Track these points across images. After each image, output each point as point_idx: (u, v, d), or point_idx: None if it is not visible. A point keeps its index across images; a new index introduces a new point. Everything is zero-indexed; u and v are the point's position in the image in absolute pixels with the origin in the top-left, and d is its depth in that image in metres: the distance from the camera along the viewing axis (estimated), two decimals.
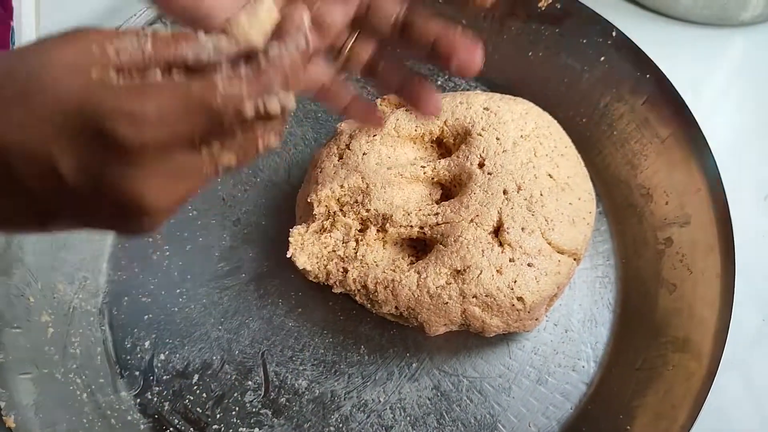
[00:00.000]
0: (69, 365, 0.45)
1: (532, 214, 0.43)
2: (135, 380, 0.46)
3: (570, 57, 0.53)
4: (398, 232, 0.44)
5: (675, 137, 0.48)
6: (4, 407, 0.41)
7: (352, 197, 0.45)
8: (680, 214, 0.47)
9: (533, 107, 0.49)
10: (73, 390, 0.45)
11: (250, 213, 0.52)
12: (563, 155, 0.47)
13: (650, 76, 0.50)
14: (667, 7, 0.59)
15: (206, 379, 0.46)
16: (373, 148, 0.47)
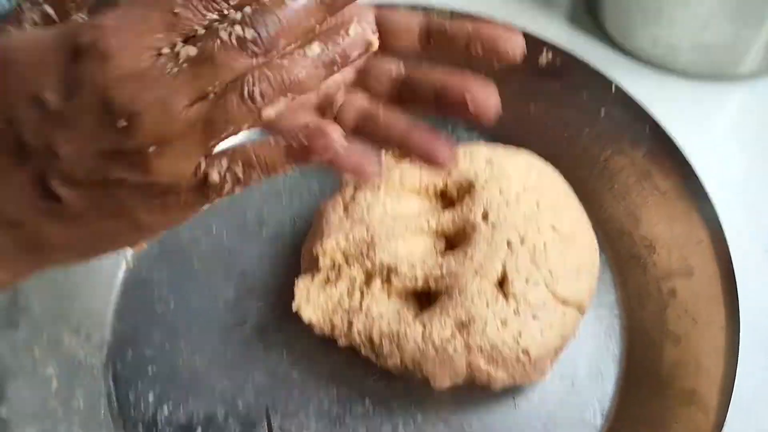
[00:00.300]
0: (72, 419, 0.45)
1: (536, 265, 0.43)
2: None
3: (571, 111, 0.54)
4: (403, 283, 0.44)
5: (676, 189, 0.48)
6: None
7: (357, 249, 0.46)
8: (683, 265, 0.47)
9: (535, 160, 0.50)
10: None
11: (255, 265, 0.52)
12: (566, 207, 0.48)
13: (649, 129, 0.50)
14: (666, 61, 0.61)
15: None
16: (378, 201, 0.47)
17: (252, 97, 0.24)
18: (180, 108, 0.24)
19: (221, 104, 0.24)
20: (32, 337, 0.46)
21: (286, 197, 0.55)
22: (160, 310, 0.50)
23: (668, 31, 0.59)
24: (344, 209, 0.48)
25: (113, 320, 0.50)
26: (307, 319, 0.45)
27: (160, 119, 0.24)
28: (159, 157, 0.24)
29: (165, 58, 0.23)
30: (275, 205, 0.55)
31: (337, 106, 0.35)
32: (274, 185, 0.56)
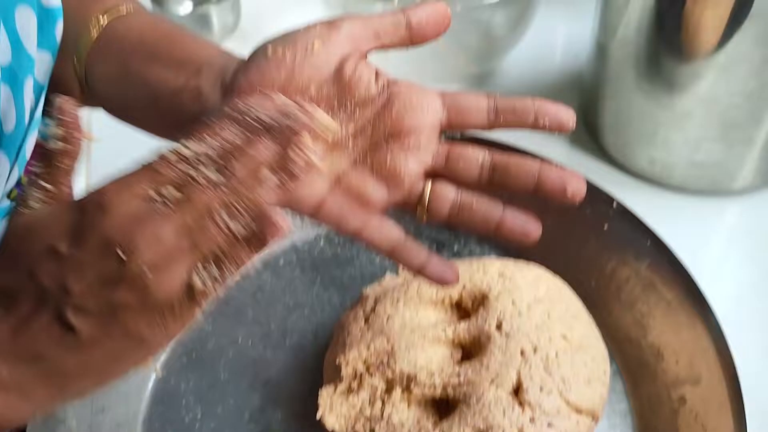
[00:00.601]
0: None
1: (549, 374, 0.46)
2: None
3: (576, 226, 0.57)
4: (423, 392, 0.46)
5: (679, 300, 0.51)
6: None
7: (378, 358, 0.48)
8: (691, 373, 0.49)
9: (544, 272, 0.53)
10: None
11: (279, 374, 0.54)
12: (575, 317, 0.50)
13: (650, 243, 0.54)
14: (663, 179, 0.65)
15: None
16: (397, 312, 0.50)
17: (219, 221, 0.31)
18: (168, 237, 0.30)
19: (199, 229, 0.30)
20: None
21: (308, 309, 0.58)
22: (187, 419, 0.52)
23: (664, 151, 0.63)
24: (365, 321, 0.51)
25: (143, 430, 0.52)
26: (331, 427, 0.46)
27: (152, 248, 0.30)
28: (153, 278, 0.30)
29: (153, 201, 0.30)
30: (298, 317, 0.58)
31: (426, 199, 0.39)
32: (297, 298, 0.59)
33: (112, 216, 0.30)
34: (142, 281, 0.30)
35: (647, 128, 0.63)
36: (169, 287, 0.30)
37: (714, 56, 0.56)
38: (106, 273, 0.30)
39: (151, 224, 0.30)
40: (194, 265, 0.30)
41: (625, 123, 0.65)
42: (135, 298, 0.30)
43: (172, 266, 0.30)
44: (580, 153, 0.70)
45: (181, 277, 0.30)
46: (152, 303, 0.30)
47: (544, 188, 0.38)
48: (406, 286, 0.51)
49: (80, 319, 0.30)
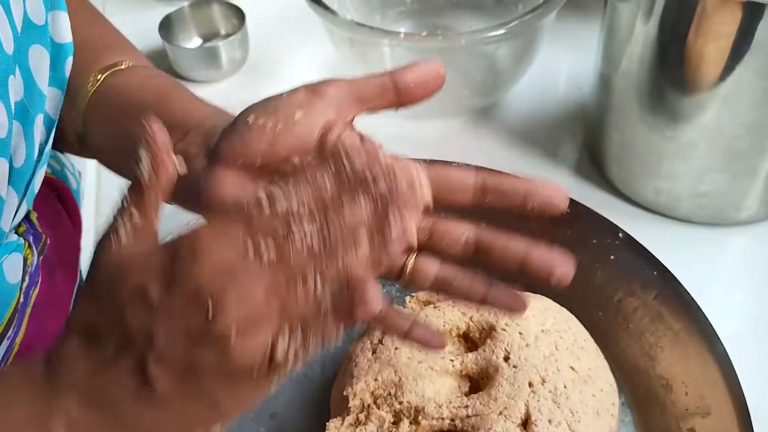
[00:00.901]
0: None
1: (557, 406, 0.45)
2: None
3: (582, 256, 0.56)
4: (431, 424, 0.46)
5: (687, 330, 0.51)
6: None
7: (385, 390, 0.48)
8: (700, 404, 0.48)
9: (551, 303, 0.53)
10: None
11: (286, 406, 0.54)
12: (583, 348, 0.50)
13: (657, 273, 0.54)
14: (668, 209, 0.65)
15: None
16: (404, 343, 0.50)
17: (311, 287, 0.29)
18: (258, 299, 0.28)
19: (290, 293, 0.29)
20: None
21: None
22: None
23: (668, 183, 0.64)
24: (372, 352, 0.51)
25: None
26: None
27: (240, 307, 0.28)
28: (238, 340, 0.28)
29: (248, 256, 0.28)
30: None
31: (409, 272, 0.38)
32: None
33: (205, 264, 0.28)
34: (226, 342, 0.28)
35: (651, 159, 0.64)
36: (252, 352, 0.29)
37: (716, 88, 0.57)
38: (193, 326, 0.28)
39: (244, 280, 0.28)
40: (279, 332, 0.29)
41: (630, 154, 0.66)
42: (216, 358, 0.29)
43: (257, 330, 0.28)
44: (585, 184, 0.70)
45: (265, 342, 0.29)
46: (231, 366, 0.29)
47: (529, 271, 0.36)
48: (413, 318, 0.51)
49: (160, 371, 0.29)
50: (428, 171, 0.37)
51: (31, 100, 0.43)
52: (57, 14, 0.45)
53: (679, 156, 0.62)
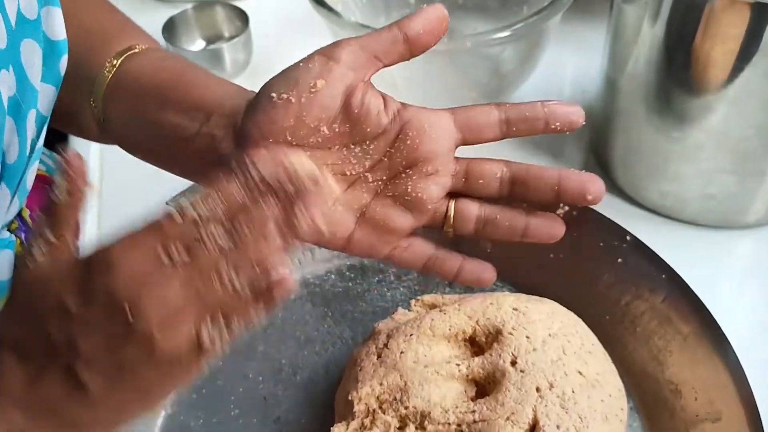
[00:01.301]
0: None
1: (565, 411, 0.45)
2: None
3: (589, 259, 0.57)
4: (437, 429, 0.45)
5: (696, 334, 0.50)
6: None
7: (391, 395, 0.47)
8: (710, 410, 0.48)
9: (558, 307, 0.52)
10: None
11: (290, 411, 0.53)
12: (591, 352, 0.49)
13: (666, 276, 0.53)
14: (675, 212, 0.65)
15: None
16: (410, 347, 0.50)
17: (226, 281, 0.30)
18: (175, 297, 0.30)
19: (206, 288, 0.30)
20: None
21: (319, 344, 0.58)
22: None
23: (675, 185, 0.63)
24: (377, 356, 0.50)
25: None
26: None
27: (159, 310, 0.30)
28: (161, 337, 0.30)
29: (161, 261, 0.30)
30: (309, 352, 0.57)
31: (451, 218, 0.40)
32: (308, 333, 0.58)
33: (118, 275, 0.30)
34: (149, 339, 0.30)
35: (658, 162, 0.63)
36: (177, 344, 0.30)
37: (724, 90, 0.56)
38: (114, 332, 0.30)
39: (158, 284, 0.30)
40: (201, 322, 0.31)
41: (636, 157, 0.65)
42: (143, 355, 0.30)
43: (179, 324, 0.30)
44: None
45: (189, 333, 0.31)
46: (160, 359, 0.30)
47: (564, 196, 0.39)
48: (418, 321, 0.51)
49: (90, 375, 0.31)
50: (453, 115, 0.39)
51: (24, 96, 0.43)
52: (50, 10, 0.44)
53: (686, 158, 0.61)
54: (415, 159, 0.39)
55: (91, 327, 0.30)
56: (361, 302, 0.60)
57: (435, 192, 0.39)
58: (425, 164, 0.39)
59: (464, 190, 0.40)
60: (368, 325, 0.57)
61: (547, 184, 0.39)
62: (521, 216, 0.40)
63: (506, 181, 0.40)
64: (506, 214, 0.40)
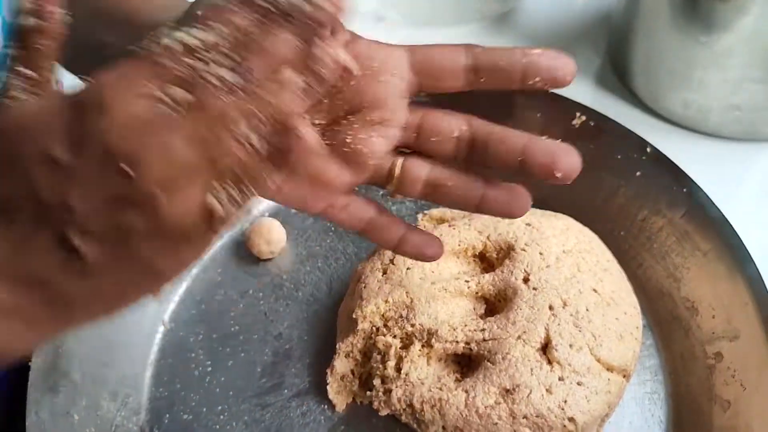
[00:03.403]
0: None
1: (579, 330, 0.43)
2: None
3: (606, 172, 0.54)
4: (444, 347, 0.44)
5: (717, 250, 0.48)
6: None
7: (396, 312, 0.46)
8: (728, 328, 0.46)
9: (573, 223, 0.50)
10: None
11: (292, 327, 0.52)
12: (606, 270, 0.47)
13: (687, 190, 0.50)
14: (697, 123, 0.61)
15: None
16: (416, 264, 0.47)
17: (238, 132, 0.25)
18: (179, 150, 0.25)
19: (215, 142, 0.25)
20: (71, 403, 0.46)
21: (321, 260, 0.55)
22: (197, 373, 0.50)
23: (699, 94, 0.59)
24: (383, 272, 0.48)
25: (150, 385, 0.50)
26: (341, 408, 0.46)
27: (161, 162, 0.25)
28: (165, 198, 0.25)
29: (159, 103, 0.25)
30: (311, 268, 0.55)
31: (396, 177, 0.34)
32: (311, 248, 0.56)
33: (114, 119, 0.25)
34: (153, 203, 0.25)
35: (682, 69, 0.59)
36: (183, 210, 0.26)
37: None
38: (113, 191, 0.25)
39: (160, 132, 0.25)
40: (211, 185, 0.26)
41: (658, 63, 0.61)
42: (145, 221, 0.26)
43: (185, 185, 0.25)
44: (607, 96, 0.66)
45: (197, 198, 0.26)
46: (164, 228, 0.26)
47: (529, 167, 0.32)
48: None
49: (85, 242, 0.26)
50: (410, 56, 0.33)
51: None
52: None
53: (713, 65, 0.57)
54: (359, 104, 0.33)
55: (84, 183, 0.25)
56: None
57: (379, 145, 0.33)
58: (370, 111, 0.33)
59: (415, 146, 0.34)
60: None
61: (511, 151, 0.33)
62: (478, 184, 0.34)
63: (464, 141, 0.34)
64: (460, 181, 0.34)
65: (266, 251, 0.54)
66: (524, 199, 0.34)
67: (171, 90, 0.25)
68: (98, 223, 0.26)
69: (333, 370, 0.47)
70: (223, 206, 0.26)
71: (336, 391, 0.47)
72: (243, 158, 0.26)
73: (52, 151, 0.25)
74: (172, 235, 0.26)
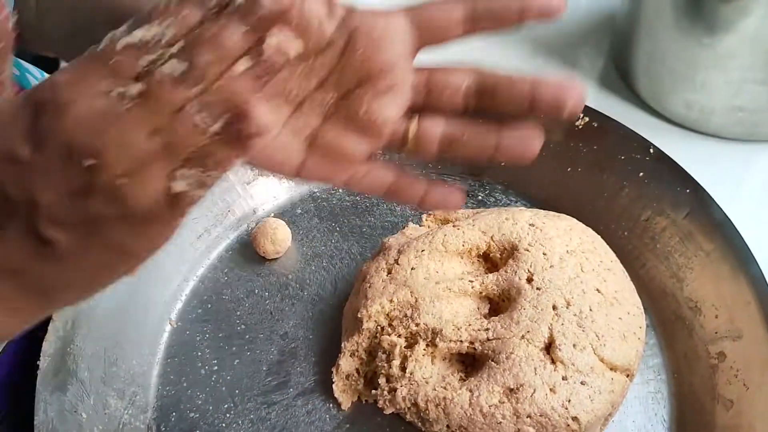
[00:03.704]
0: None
1: (582, 329, 0.43)
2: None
3: (609, 173, 0.55)
4: (448, 346, 0.44)
5: (720, 251, 0.48)
6: None
7: (401, 312, 0.46)
8: (731, 327, 0.46)
9: (576, 223, 0.50)
10: None
11: (297, 326, 0.52)
12: (609, 269, 0.48)
13: (690, 190, 0.51)
14: (699, 124, 0.61)
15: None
16: (421, 263, 0.48)
17: (197, 123, 0.27)
18: (138, 141, 0.26)
19: (170, 129, 0.26)
20: (79, 401, 0.46)
21: (326, 259, 0.56)
22: (203, 372, 0.50)
23: (702, 95, 0.60)
24: (387, 272, 0.48)
25: (157, 383, 0.50)
26: (346, 406, 0.47)
27: (121, 154, 0.26)
28: (129, 187, 0.26)
29: (115, 98, 0.26)
30: (316, 268, 0.55)
31: (412, 138, 0.35)
32: (316, 248, 0.56)
33: (70, 117, 0.26)
34: (117, 191, 0.26)
35: (685, 70, 0.59)
36: (148, 195, 0.27)
37: None
38: (76, 183, 0.27)
39: (116, 126, 0.26)
40: (173, 169, 0.27)
41: (661, 64, 0.61)
42: (112, 208, 0.27)
43: (147, 172, 0.27)
44: (610, 96, 0.66)
45: (160, 183, 0.27)
46: (131, 213, 0.27)
47: (539, 108, 0.33)
48: (430, 237, 0.49)
49: (55, 231, 0.27)
50: (410, 18, 0.33)
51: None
52: None
53: (716, 66, 0.58)
54: (368, 73, 0.33)
55: (48, 177, 0.27)
56: (370, 217, 0.58)
57: (392, 111, 0.34)
58: (379, 79, 0.33)
59: (425, 104, 0.35)
60: (377, 240, 0.55)
61: (520, 93, 0.33)
62: (492, 135, 0.35)
63: (473, 92, 0.34)
64: (474, 132, 0.35)
65: (272, 251, 0.55)
66: (537, 138, 0.35)
67: (124, 84, 0.26)
68: (66, 214, 0.27)
69: (338, 368, 0.47)
70: (189, 189, 0.27)
71: (341, 390, 0.47)
72: (201, 143, 0.27)
73: (15, 151, 0.26)
74: (140, 219, 0.27)
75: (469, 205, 0.57)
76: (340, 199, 0.59)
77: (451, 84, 0.35)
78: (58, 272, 0.29)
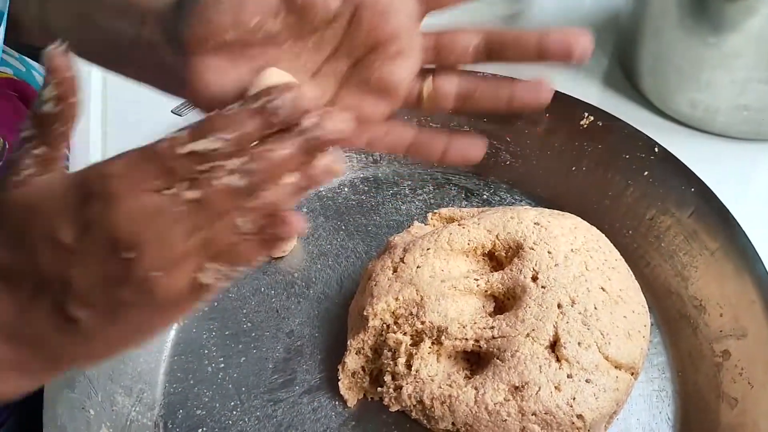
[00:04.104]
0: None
1: (587, 328, 0.43)
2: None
3: (613, 172, 0.55)
4: (453, 344, 0.44)
5: (724, 249, 0.48)
6: None
7: (406, 310, 0.46)
8: (736, 326, 0.47)
9: (581, 222, 0.50)
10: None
11: (303, 324, 0.53)
12: (614, 268, 0.48)
13: (695, 189, 0.51)
14: (704, 123, 0.62)
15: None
16: (426, 262, 0.48)
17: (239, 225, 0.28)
18: (179, 239, 0.28)
19: (211, 231, 0.28)
20: (87, 398, 0.46)
21: (332, 258, 0.56)
22: (210, 369, 0.51)
23: (707, 94, 0.60)
24: (393, 270, 0.49)
25: (164, 380, 0.50)
26: (352, 403, 0.47)
27: (162, 250, 0.28)
28: (161, 279, 0.28)
29: (167, 198, 0.27)
30: (322, 266, 0.56)
31: (427, 95, 0.36)
32: (322, 247, 0.57)
33: (119, 212, 0.27)
34: (149, 282, 0.28)
35: (690, 69, 0.60)
36: (177, 288, 0.29)
37: None
38: (111, 272, 0.28)
39: (161, 226, 0.27)
40: (203, 266, 0.29)
41: (666, 63, 0.62)
42: (139, 297, 0.29)
43: (179, 268, 0.28)
44: (615, 96, 0.66)
45: (188, 277, 0.29)
46: (156, 302, 0.29)
47: (548, 54, 0.34)
48: (436, 235, 0.49)
49: (82, 311, 0.29)
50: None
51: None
52: None
53: (721, 65, 0.58)
54: (376, 41, 0.34)
55: (86, 263, 0.28)
56: (375, 215, 0.58)
57: (404, 73, 0.35)
58: (388, 45, 0.35)
59: (437, 63, 0.36)
60: (382, 239, 0.56)
61: (527, 45, 0.35)
62: (506, 85, 0.36)
63: (482, 49, 0.36)
64: (488, 85, 0.36)
65: (278, 249, 0.55)
66: (548, 87, 0.36)
67: (177, 187, 0.27)
68: (95, 297, 0.28)
69: (344, 366, 0.47)
70: (215, 282, 0.29)
71: (347, 387, 0.48)
72: (235, 244, 0.29)
73: (58, 233, 0.28)
74: (162, 306, 0.29)
75: (474, 204, 0.58)
76: (345, 198, 0.59)
77: (460, 44, 0.36)
78: (79, 346, 0.30)
